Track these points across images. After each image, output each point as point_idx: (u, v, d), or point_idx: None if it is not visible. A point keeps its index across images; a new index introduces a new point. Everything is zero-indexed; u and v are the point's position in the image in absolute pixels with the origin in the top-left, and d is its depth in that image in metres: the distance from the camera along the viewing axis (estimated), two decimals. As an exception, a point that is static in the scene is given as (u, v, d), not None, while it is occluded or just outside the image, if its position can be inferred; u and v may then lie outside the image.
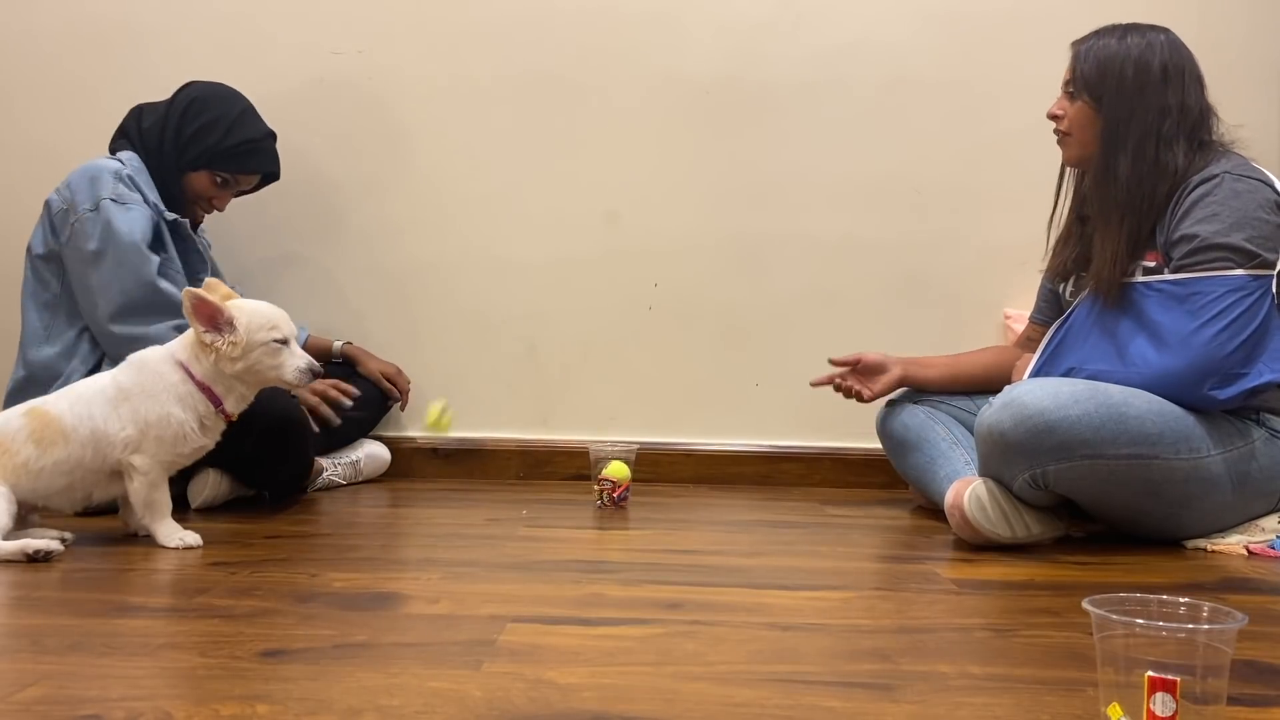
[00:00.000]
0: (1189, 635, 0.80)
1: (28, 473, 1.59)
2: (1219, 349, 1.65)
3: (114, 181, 2.01)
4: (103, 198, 1.98)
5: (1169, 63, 1.78)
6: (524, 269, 2.58)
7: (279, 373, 1.70)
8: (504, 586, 1.40)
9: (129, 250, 1.97)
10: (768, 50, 2.53)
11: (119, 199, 1.99)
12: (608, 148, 2.56)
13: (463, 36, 2.56)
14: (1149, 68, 1.77)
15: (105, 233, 1.97)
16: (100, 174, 2.01)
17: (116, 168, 2.04)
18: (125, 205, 2.00)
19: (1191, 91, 1.79)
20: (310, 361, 1.72)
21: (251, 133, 2.15)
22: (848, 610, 1.32)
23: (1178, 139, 1.77)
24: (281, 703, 0.92)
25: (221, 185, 2.16)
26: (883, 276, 2.53)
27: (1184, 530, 1.76)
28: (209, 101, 2.14)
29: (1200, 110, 1.80)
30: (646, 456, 2.38)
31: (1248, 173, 1.73)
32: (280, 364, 1.69)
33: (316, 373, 1.73)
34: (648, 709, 0.92)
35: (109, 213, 1.98)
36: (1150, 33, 1.80)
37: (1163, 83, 1.77)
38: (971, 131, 2.51)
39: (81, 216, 1.99)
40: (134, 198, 2.02)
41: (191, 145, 2.11)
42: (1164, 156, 1.76)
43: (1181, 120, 1.77)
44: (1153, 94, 1.77)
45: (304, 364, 1.71)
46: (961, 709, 0.93)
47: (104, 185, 2.00)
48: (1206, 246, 1.69)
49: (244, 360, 1.66)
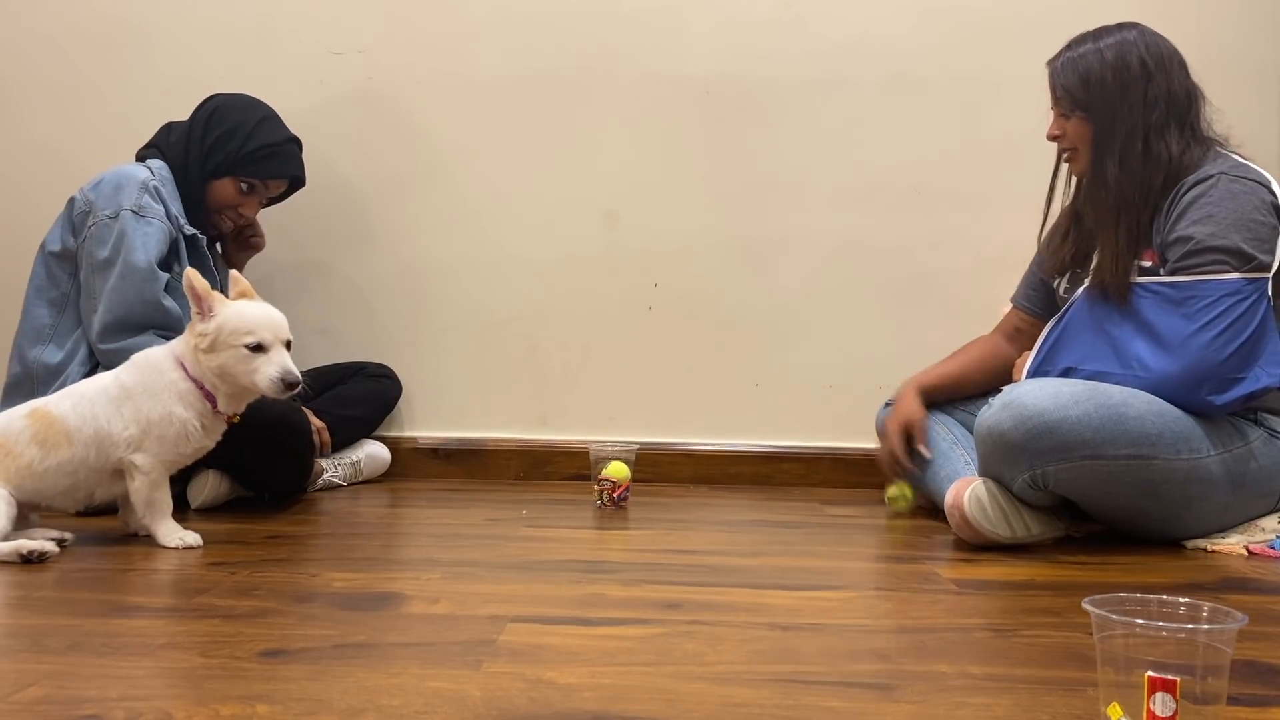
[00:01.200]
0: (1189, 635, 0.80)
1: (31, 474, 1.59)
2: (1215, 354, 1.65)
3: (139, 192, 2.00)
4: (124, 207, 1.98)
5: (1145, 56, 1.77)
6: (524, 269, 2.58)
7: (251, 379, 1.64)
8: (504, 586, 1.40)
9: (137, 266, 1.96)
10: (768, 50, 2.53)
11: (139, 211, 1.98)
12: (608, 147, 2.56)
13: (462, 36, 2.56)
14: (1128, 66, 1.77)
15: (118, 243, 1.97)
16: (128, 182, 2.01)
17: (145, 177, 2.03)
18: (145, 219, 1.99)
19: (1175, 77, 1.78)
20: (286, 372, 1.63)
21: (271, 137, 2.16)
22: (848, 610, 1.32)
23: (1169, 127, 1.77)
24: (281, 703, 0.92)
25: (247, 192, 2.17)
26: (883, 276, 2.53)
27: (1184, 531, 1.76)
28: (230, 110, 2.15)
29: (1187, 93, 1.79)
30: (646, 456, 2.38)
31: (1244, 174, 1.73)
32: (253, 370, 1.63)
33: (291, 384, 1.64)
34: (648, 709, 0.92)
35: (126, 224, 1.97)
36: (1121, 31, 1.80)
37: (1144, 77, 1.77)
38: (971, 131, 2.51)
39: (99, 221, 1.99)
40: (156, 211, 2.01)
41: (214, 153, 2.11)
42: (1156, 148, 1.76)
43: (1170, 108, 1.77)
44: (1135, 91, 1.77)
45: (276, 373, 1.62)
46: (961, 709, 0.93)
47: (128, 195, 1.99)
48: (1203, 249, 1.68)
49: (215, 356, 1.63)
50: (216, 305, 1.64)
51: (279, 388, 1.63)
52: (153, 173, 2.06)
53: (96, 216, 1.99)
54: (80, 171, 2.13)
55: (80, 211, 2.03)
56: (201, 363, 1.65)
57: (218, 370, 1.65)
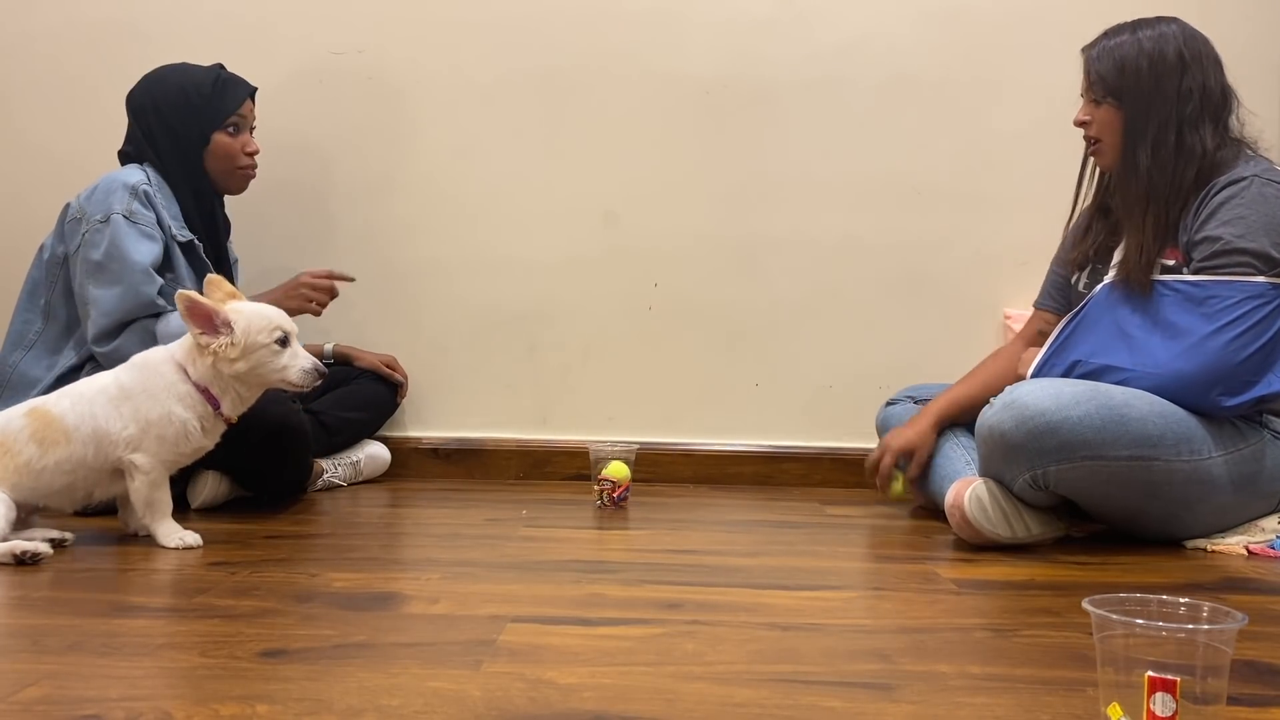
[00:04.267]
0: (1189, 635, 0.80)
1: (30, 472, 1.60)
2: (1232, 356, 1.65)
3: (129, 197, 1.98)
4: (115, 211, 1.97)
5: (1184, 49, 1.76)
6: (524, 269, 2.58)
7: (283, 374, 1.69)
8: (504, 586, 1.40)
9: (132, 268, 1.95)
10: (768, 50, 2.53)
11: (130, 216, 1.97)
12: (608, 147, 2.56)
13: (462, 36, 2.56)
14: (1165, 58, 1.76)
15: (111, 247, 1.95)
16: (118, 187, 1.99)
17: (137, 181, 2.01)
18: (136, 224, 1.97)
19: (1211, 73, 1.77)
20: (315, 363, 1.71)
21: (210, 74, 2.12)
22: (848, 610, 1.32)
23: (1202, 121, 1.76)
24: (281, 703, 0.92)
25: (236, 131, 2.13)
26: (883, 277, 2.53)
27: (1185, 531, 1.76)
28: (161, 84, 2.10)
29: (1221, 90, 1.79)
30: (646, 456, 2.38)
31: (1278, 178, 1.72)
32: (284, 365, 1.69)
33: (321, 373, 1.72)
34: (648, 709, 0.92)
35: (117, 228, 1.96)
36: (1160, 24, 1.80)
37: (1180, 70, 1.76)
38: (971, 131, 2.51)
39: (92, 227, 1.97)
40: (146, 218, 1.99)
41: (185, 122, 2.08)
42: (1189, 140, 1.75)
43: (1205, 102, 1.76)
44: (1171, 83, 1.75)
45: (309, 364, 1.70)
46: (961, 709, 0.93)
47: (118, 200, 1.98)
48: (1229, 250, 1.67)
49: (244, 361, 1.66)
50: (230, 315, 1.65)
51: (312, 377, 1.71)
52: (147, 176, 2.04)
53: (89, 223, 1.98)
54: (79, 172, 2.13)
55: (72, 219, 2.01)
56: (224, 372, 1.66)
57: (246, 374, 1.67)
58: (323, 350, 2.44)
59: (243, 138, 2.15)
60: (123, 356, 1.74)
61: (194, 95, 2.09)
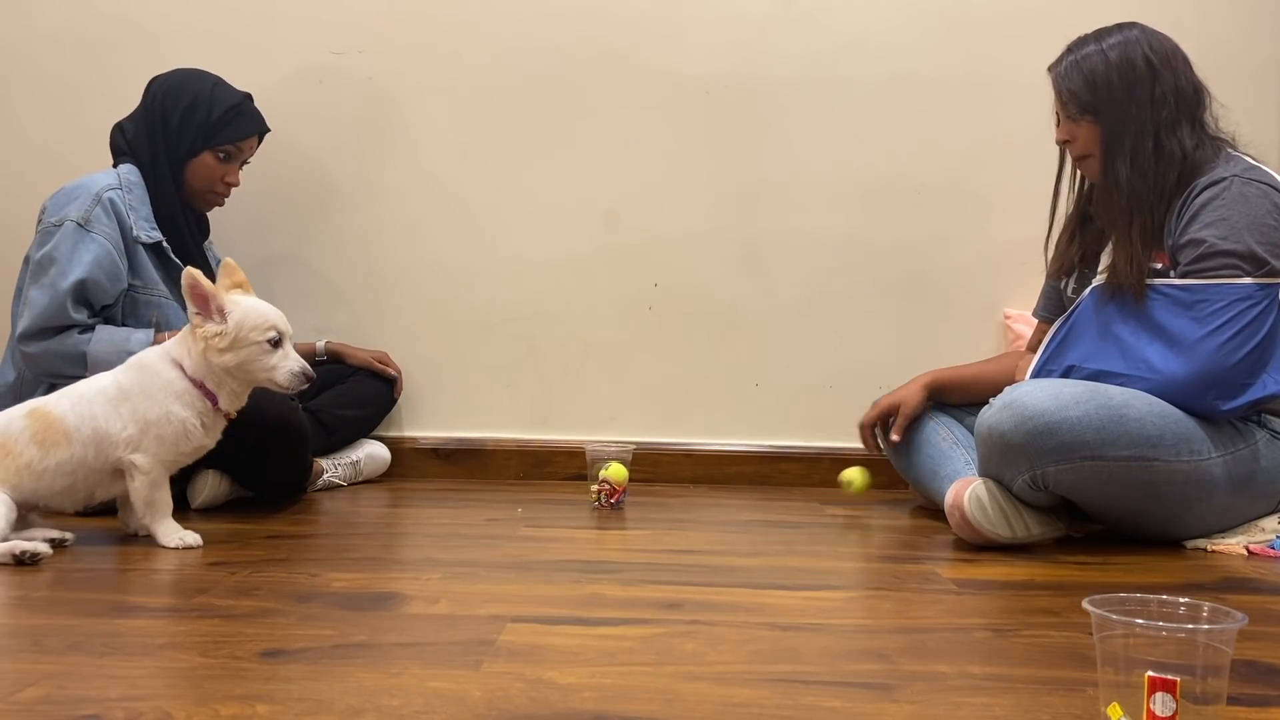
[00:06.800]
0: (1189, 635, 0.80)
1: (30, 474, 1.60)
2: (1225, 358, 1.65)
3: (91, 204, 1.97)
4: (69, 218, 1.96)
5: (1150, 53, 1.76)
6: (524, 269, 2.58)
7: (271, 374, 1.69)
8: (504, 586, 1.40)
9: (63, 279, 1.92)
10: (768, 49, 2.53)
11: (84, 224, 1.96)
12: (608, 147, 2.56)
13: (462, 36, 2.56)
14: (1134, 65, 1.76)
15: (54, 250, 1.95)
16: (83, 193, 1.99)
17: (103, 186, 2.01)
18: (89, 232, 1.96)
19: (1181, 73, 1.78)
20: (304, 366, 1.71)
21: (232, 98, 2.14)
22: (848, 610, 1.32)
23: (1179, 123, 1.76)
24: (281, 703, 0.92)
25: (225, 159, 2.14)
26: (883, 276, 2.53)
27: (1184, 531, 1.76)
28: (181, 86, 2.12)
29: (1194, 89, 1.79)
30: (646, 456, 2.38)
31: (1257, 177, 1.71)
32: (273, 365, 1.68)
33: (309, 377, 1.72)
34: (648, 709, 0.92)
35: (65, 234, 1.95)
36: (1122, 31, 1.80)
37: (1151, 76, 1.76)
38: (971, 131, 2.51)
39: (45, 227, 1.98)
40: (103, 227, 1.97)
41: (184, 129, 2.09)
42: (1168, 145, 1.75)
43: (1180, 104, 1.76)
44: (1143, 90, 1.76)
45: (297, 368, 1.70)
46: (961, 709, 0.93)
47: (77, 206, 1.97)
48: (1215, 253, 1.67)
49: (233, 354, 1.65)
50: (227, 304, 1.65)
51: (300, 380, 1.70)
52: (119, 179, 2.04)
53: (44, 222, 1.99)
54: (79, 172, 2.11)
55: (40, 219, 2.02)
56: (213, 361, 1.66)
57: (234, 368, 1.67)
58: (315, 348, 2.44)
59: (229, 167, 2.16)
60: (40, 366, 1.74)
61: (204, 109, 2.10)
